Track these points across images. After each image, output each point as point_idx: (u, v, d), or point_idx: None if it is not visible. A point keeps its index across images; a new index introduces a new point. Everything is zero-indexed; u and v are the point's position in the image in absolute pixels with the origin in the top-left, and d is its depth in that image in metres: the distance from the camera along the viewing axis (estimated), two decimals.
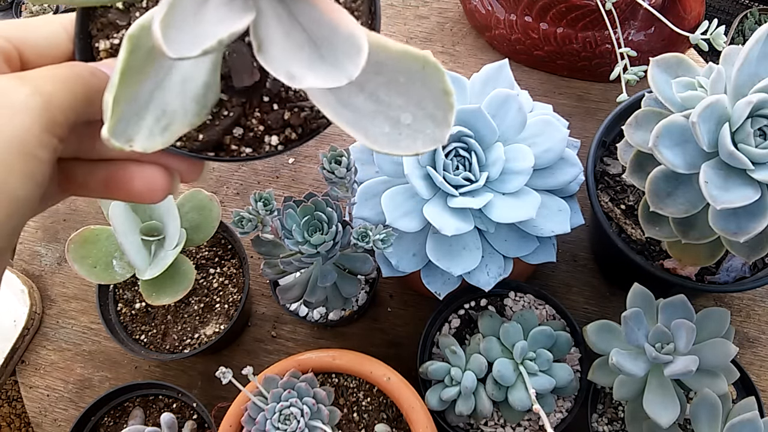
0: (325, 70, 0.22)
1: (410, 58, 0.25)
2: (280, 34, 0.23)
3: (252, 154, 0.29)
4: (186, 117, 0.25)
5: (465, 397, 0.63)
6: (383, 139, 0.25)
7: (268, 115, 0.29)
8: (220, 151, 0.29)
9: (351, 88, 0.25)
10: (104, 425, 0.74)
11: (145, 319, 0.77)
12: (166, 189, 0.29)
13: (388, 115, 0.25)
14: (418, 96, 0.25)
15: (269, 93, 0.29)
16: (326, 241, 0.53)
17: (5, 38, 0.27)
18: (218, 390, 0.72)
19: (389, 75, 0.25)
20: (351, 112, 0.25)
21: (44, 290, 0.88)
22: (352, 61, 0.22)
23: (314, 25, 0.23)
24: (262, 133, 0.29)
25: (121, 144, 0.22)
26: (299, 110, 0.29)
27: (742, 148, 0.48)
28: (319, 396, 0.59)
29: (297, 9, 0.24)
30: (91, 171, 0.29)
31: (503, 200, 0.57)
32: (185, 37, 0.20)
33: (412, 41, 0.95)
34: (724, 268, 0.64)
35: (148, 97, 0.24)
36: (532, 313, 0.67)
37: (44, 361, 0.85)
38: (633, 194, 0.67)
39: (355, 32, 0.22)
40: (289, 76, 0.22)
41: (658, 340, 0.56)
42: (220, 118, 0.28)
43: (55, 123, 0.24)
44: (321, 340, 0.81)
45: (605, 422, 0.68)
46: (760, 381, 0.74)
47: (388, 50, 0.25)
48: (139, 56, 0.22)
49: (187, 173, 0.30)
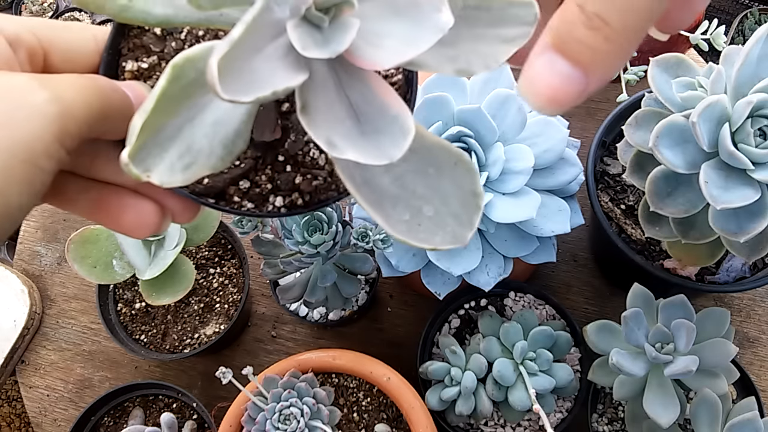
0: (365, 147, 0.21)
1: (443, 152, 0.24)
2: (325, 101, 0.22)
3: (253, 210, 0.28)
4: (210, 159, 0.24)
5: (465, 397, 0.63)
6: (402, 227, 0.24)
7: (280, 174, 0.28)
8: (221, 200, 0.28)
9: (378, 168, 0.24)
10: (104, 425, 0.74)
11: (145, 319, 0.77)
12: (155, 227, 0.28)
13: (410, 203, 0.24)
14: (445, 191, 0.24)
15: (286, 153, 0.28)
16: (326, 241, 0.53)
17: (34, 34, 0.26)
18: (218, 390, 0.72)
19: (419, 164, 0.24)
20: (373, 192, 0.24)
21: (44, 290, 0.88)
22: (395, 143, 0.21)
23: (362, 100, 0.23)
24: (268, 192, 0.28)
25: (138, 172, 0.22)
26: (312, 178, 0.28)
27: (742, 148, 0.48)
28: (319, 396, 0.59)
29: (347, 81, 0.23)
30: (84, 189, 0.27)
31: (503, 200, 0.57)
32: (241, 80, 0.19)
33: None
34: (724, 268, 0.64)
35: (176, 131, 0.23)
36: (532, 313, 0.66)
37: (44, 361, 0.85)
38: (633, 194, 0.67)
39: (402, 115, 0.22)
40: (329, 144, 0.21)
41: (658, 340, 0.56)
42: (231, 167, 0.27)
43: (68, 134, 0.23)
44: (321, 340, 0.81)
45: (605, 422, 0.68)
46: (760, 381, 0.74)
47: (422, 139, 0.24)
48: (177, 87, 0.22)
49: (181, 215, 0.28)
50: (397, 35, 0.21)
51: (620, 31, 0.19)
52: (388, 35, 0.21)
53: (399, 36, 0.21)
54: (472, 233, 0.24)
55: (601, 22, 0.19)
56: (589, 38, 0.19)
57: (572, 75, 0.20)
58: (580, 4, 0.19)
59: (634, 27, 0.19)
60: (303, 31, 0.21)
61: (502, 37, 0.23)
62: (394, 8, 0.21)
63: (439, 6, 0.20)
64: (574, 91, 0.20)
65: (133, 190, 0.28)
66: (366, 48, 0.21)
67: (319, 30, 0.21)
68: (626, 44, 0.19)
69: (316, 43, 0.21)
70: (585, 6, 0.19)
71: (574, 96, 0.20)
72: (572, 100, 0.20)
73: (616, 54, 0.19)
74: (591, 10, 0.19)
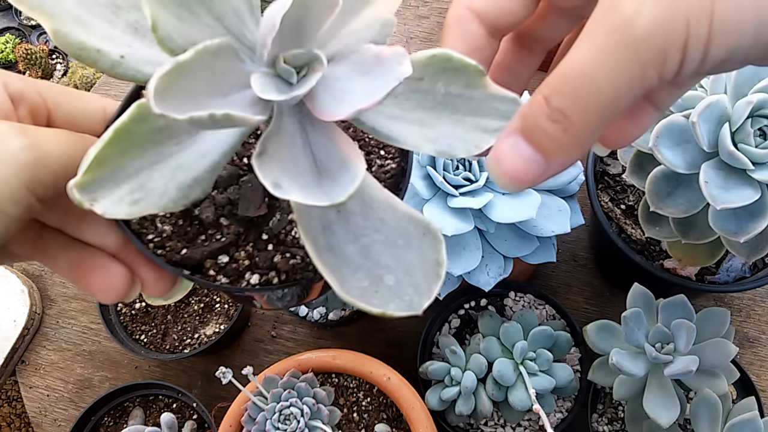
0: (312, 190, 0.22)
1: (412, 223, 0.25)
2: (288, 152, 0.23)
3: (226, 284, 0.27)
4: (162, 199, 0.24)
5: (465, 397, 0.63)
6: (356, 292, 0.24)
7: (260, 252, 0.28)
8: (197, 272, 0.28)
9: (346, 236, 0.24)
10: (104, 425, 0.74)
11: (145, 319, 0.77)
12: (121, 293, 0.27)
13: (373, 272, 0.24)
14: (410, 262, 0.25)
15: (269, 232, 0.28)
16: None
17: (39, 93, 0.27)
18: (218, 390, 0.72)
19: (388, 235, 0.25)
20: (335, 258, 0.24)
21: (44, 290, 0.88)
22: (342, 187, 0.22)
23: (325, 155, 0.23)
24: (245, 269, 0.28)
25: (82, 200, 0.22)
26: (290, 257, 0.28)
27: (742, 148, 0.48)
28: (319, 396, 0.59)
29: (312, 135, 0.23)
30: (65, 248, 0.28)
31: (503, 200, 0.57)
32: (179, 100, 0.19)
33: (412, 41, 0.95)
34: (724, 268, 0.64)
35: (135, 171, 0.23)
36: (532, 313, 0.66)
37: (44, 361, 0.85)
38: (633, 194, 0.67)
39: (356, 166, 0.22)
40: (275, 185, 0.21)
41: (658, 340, 0.56)
42: (212, 240, 0.28)
43: (39, 182, 0.23)
44: (321, 340, 0.81)
45: (605, 422, 0.68)
46: (760, 381, 0.74)
47: (395, 211, 0.25)
48: (142, 129, 0.22)
49: (153, 285, 0.28)
50: (359, 89, 0.22)
51: (579, 126, 0.21)
52: (352, 90, 0.22)
53: (361, 90, 0.22)
54: (429, 302, 0.24)
55: (562, 116, 0.21)
56: (550, 129, 0.21)
57: (534, 159, 0.22)
58: (546, 97, 0.21)
59: (592, 124, 0.21)
60: (268, 80, 0.22)
61: (482, 126, 0.24)
62: (362, 68, 0.23)
63: (401, 60, 0.21)
64: (535, 173, 0.22)
65: (112, 254, 0.28)
66: (329, 100, 0.22)
67: (286, 84, 0.22)
68: (584, 138, 0.21)
69: (278, 89, 0.22)
70: (550, 100, 0.21)
71: (534, 177, 0.22)
72: (532, 180, 0.22)
73: (575, 145, 0.21)
74: (555, 105, 0.21)
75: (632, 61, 0.19)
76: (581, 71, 0.20)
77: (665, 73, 0.20)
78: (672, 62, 0.20)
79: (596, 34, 0.20)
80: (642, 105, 0.28)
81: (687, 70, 0.20)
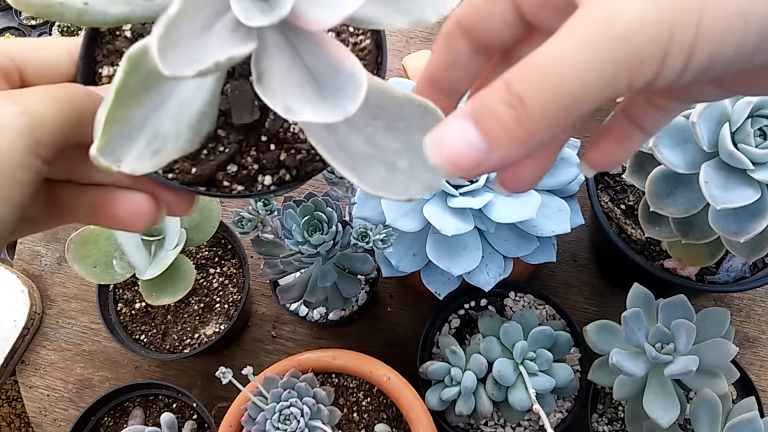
0: (323, 106, 0.22)
1: (410, 104, 0.25)
2: (281, 69, 0.23)
3: (243, 191, 0.28)
4: (178, 142, 0.25)
5: (465, 397, 0.63)
6: (377, 184, 0.24)
7: (264, 154, 0.28)
8: (212, 187, 0.28)
9: (350, 131, 0.25)
10: (104, 425, 0.74)
11: (145, 319, 0.77)
12: (150, 217, 0.28)
13: (385, 159, 0.25)
14: (416, 142, 0.24)
15: (267, 133, 0.29)
16: (326, 241, 0.53)
17: (6, 55, 0.27)
18: (218, 390, 0.72)
19: (388, 120, 0.25)
20: (347, 155, 0.24)
21: (44, 290, 0.88)
22: (350, 98, 0.22)
23: (317, 63, 0.23)
24: (256, 172, 0.28)
25: (108, 163, 0.22)
26: (296, 152, 0.29)
27: (742, 148, 0.48)
28: (319, 396, 0.59)
29: (301, 46, 0.23)
30: (79, 195, 0.28)
31: (503, 200, 0.57)
32: (183, 57, 0.20)
33: (412, 41, 0.95)
34: (724, 268, 0.64)
35: (143, 120, 0.23)
36: (532, 313, 0.67)
37: (44, 361, 0.85)
38: (633, 194, 0.67)
39: (355, 71, 0.22)
40: (286, 109, 0.21)
41: (658, 340, 0.56)
42: (216, 153, 0.28)
43: (41, 144, 0.23)
44: (321, 340, 0.81)
45: (605, 422, 0.68)
46: (760, 381, 0.74)
47: (389, 95, 0.25)
48: (137, 78, 0.22)
49: (176, 206, 0.29)
50: None
51: (534, 118, 0.19)
52: None
53: None
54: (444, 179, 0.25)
55: (519, 103, 0.19)
56: (503, 114, 0.20)
57: (477, 144, 0.20)
58: (507, 81, 0.20)
59: (548, 120, 0.19)
60: (247, 3, 0.21)
61: None
62: None
63: None
64: (474, 159, 0.20)
65: (127, 187, 0.28)
66: (310, 9, 0.21)
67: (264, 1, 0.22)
68: (536, 131, 0.19)
69: (261, 11, 0.21)
70: (512, 84, 0.19)
71: (472, 165, 0.20)
72: (469, 167, 0.20)
73: (522, 139, 0.20)
74: (515, 89, 0.19)
75: (607, 59, 0.18)
76: (551, 58, 0.19)
77: (635, 80, 0.19)
78: (647, 69, 0.18)
79: (576, 23, 0.19)
80: (630, 129, 0.27)
81: (662, 80, 0.19)
